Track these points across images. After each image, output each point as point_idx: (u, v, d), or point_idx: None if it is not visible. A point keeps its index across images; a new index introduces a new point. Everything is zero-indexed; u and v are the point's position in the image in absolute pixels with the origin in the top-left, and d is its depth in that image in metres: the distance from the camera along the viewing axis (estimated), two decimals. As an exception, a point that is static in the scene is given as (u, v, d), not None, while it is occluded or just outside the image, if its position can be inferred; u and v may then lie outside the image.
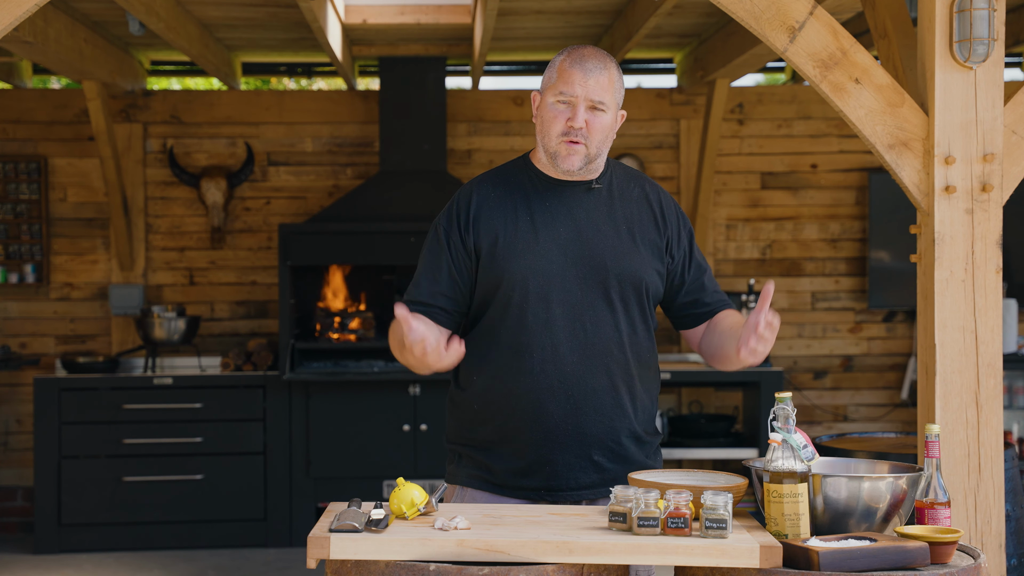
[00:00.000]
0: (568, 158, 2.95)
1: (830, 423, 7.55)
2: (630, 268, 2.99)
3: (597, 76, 2.93)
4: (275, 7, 6.01)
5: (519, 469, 3.00)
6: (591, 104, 2.93)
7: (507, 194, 3.03)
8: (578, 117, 2.92)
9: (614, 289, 2.98)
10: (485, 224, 3.00)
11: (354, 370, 6.76)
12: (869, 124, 3.40)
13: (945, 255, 3.38)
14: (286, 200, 7.43)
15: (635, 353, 3.03)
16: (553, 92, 2.95)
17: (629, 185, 3.09)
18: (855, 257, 7.53)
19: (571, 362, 2.95)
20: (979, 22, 3.30)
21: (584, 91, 2.92)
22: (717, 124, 7.04)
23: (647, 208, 3.07)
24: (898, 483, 2.62)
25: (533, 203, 3.01)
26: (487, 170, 3.17)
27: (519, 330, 2.96)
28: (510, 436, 3.00)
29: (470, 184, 3.09)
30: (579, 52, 2.97)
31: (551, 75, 2.98)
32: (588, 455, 2.99)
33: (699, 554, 2.47)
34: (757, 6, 3.38)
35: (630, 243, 3.01)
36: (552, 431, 2.97)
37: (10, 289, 7.31)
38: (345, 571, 2.51)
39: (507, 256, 2.97)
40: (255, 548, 6.73)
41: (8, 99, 7.37)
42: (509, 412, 2.98)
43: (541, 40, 6.96)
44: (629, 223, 3.03)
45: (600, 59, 2.96)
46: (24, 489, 7.26)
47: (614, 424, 3.00)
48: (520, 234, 2.98)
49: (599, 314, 2.98)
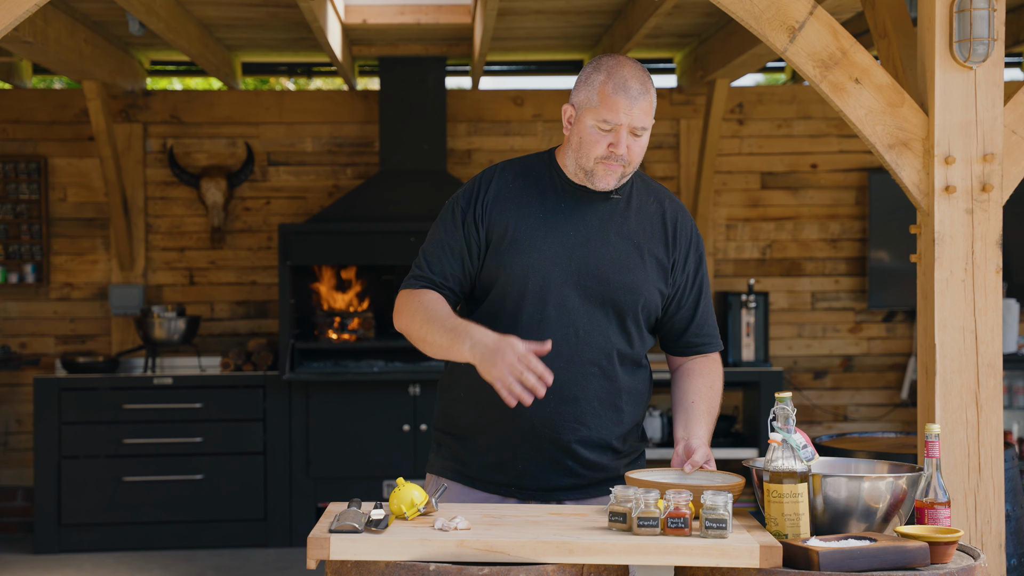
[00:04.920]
0: (605, 178, 2.91)
1: (830, 423, 7.55)
2: (631, 283, 2.97)
3: (641, 103, 2.86)
4: (275, 7, 6.01)
5: (490, 464, 3.00)
6: (633, 130, 2.88)
7: (526, 187, 3.01)
8: (621, 144, 2.87)
9: (611, 301, 2.96)
10: (499, 213, 2.98)
11: (354, 370, 6.76)
12: (869, 124, 3.40)
13: (945, 255, 3.38)
14: (286, 200, 7.43)
15: (624, 367, 3.01)
16: (594, 116, 2.87)
17: (648, 200, 3.05)
18: (855, 257, 7.53)
19: (557, 366, 2.91)
20: (979, 22, 3.30)
21: (628, 119, 2.85)
22: (717, 124, 7.04)
23: (660, 226, 3.03)
24: (898, 483, 2.62)
25: (548, 202, 2.99)
26: (513, 157, 3.13)
27: (511, 326, 2.94)
28: (486, 429, 2.99)
29: (493, 169, 3.06)
30: (620, 75, 2.87)
31: (590, 96, 2.88)
32: (561, 460, 2.97)
33: (699, 554, 2.47)
34: (757, 6, 3.38)
35: (636, 258, 2.98)
36: (526, 431, 2.95)
37: (10, 289, 7.31)
38: (345, 571, 2.51)
39: (512, 250, 2.95)
40: (255, 548, 6.73)
41: (8, 99, 7.37)
42: (488, 404, 2.93)
43: (541, 40, 6.96)
44: (639, 238, 3.00)
45: (641, 80, 2.88)
46: (24, 489, 7.26)
47: (591, 434, 2.98)
48: (529, 230, 2.96)
49: (593, 323, 2.96)
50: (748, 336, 7.00)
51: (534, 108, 7.48)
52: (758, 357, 7.03)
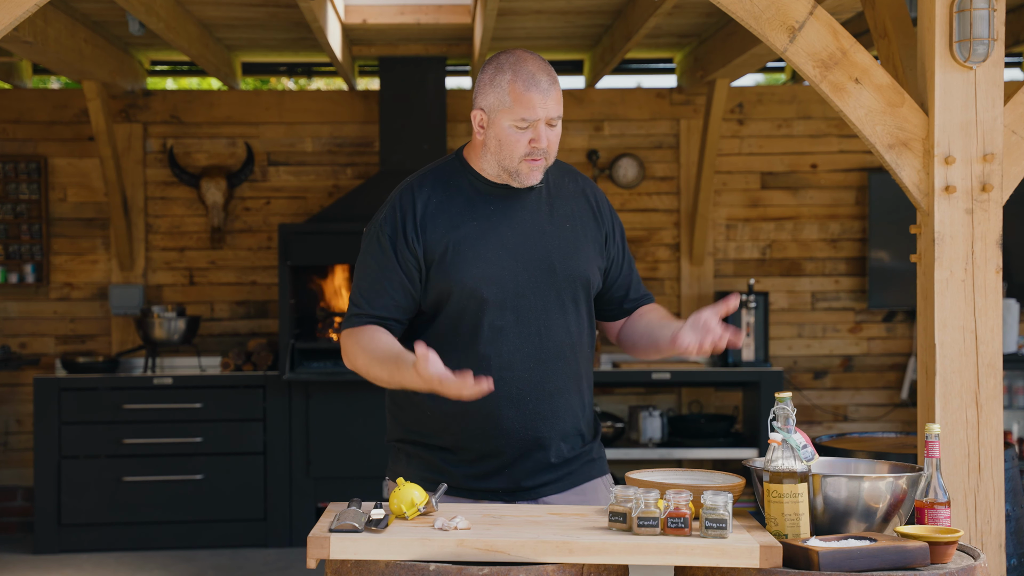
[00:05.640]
0: (531, 175, 2.92)
1: (830, 423, 7.55)
2: (576, 267, 2.98)
3: (553, 94, 2.87)
4: (275, 7, 6.01)
5: (478, 474, 2.97)
6: (549, 122, 2.89)
7: (449, 198, 2.96)
8: (542, 138, 2.87)
9: (565, 290, 2.97)
10: (432, 231, 2.93)
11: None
12: (869, 124, 3.40)
13: (945, 255, 3.38)
14: (286, 200, 7.43)
15: (582, 352, 3.03)
16: (510, 116, 2.87)
17: (563, 181, 3.07)
18: (855, 257, 7.53)
19: (527, 368, 2.92)
20: (979, 22, 3.30)
21: (545, 112, 2.86)
22: (717, 124, 7.04)
23: (584, 203, 3.06)
24: (898, 483, 2.62)
25: (476, 208, 2.96)
26: (419, 171, 3.05)
27: (473, 339, 2.92)
28: (468, 443, 2.96)
29: (408, 187, 2.99)
30: (527, 70, 2.87)
31: (501, 98, 2.87)
32: (546, 458, 2.97)
33: (699, 554, 2.47)
34: (757, 6, 3.38)
35: (573, 241, 2.99)
36: (510, 437, 2.94)
37: (10, 289, 7.31)
38: (345, 571, 2.51)
39: (456, 265, 2.91)
40: (255, 548, 6.73)
41: (8, 99, 7.37)
42: (466, 419, 2.92)
43: (541, 40, 6.96)
44: (571, 220, 3.01)
45: (547, 71, 2.89)
46: (24, 489, 7.26)
47: (566, 426, 2.99)
48: (468, 241, 2.92)
49: (551, 317, 2.95)
50: (748, 336, 7.00)
51: (534, 108, 7.46)
52: (758, 357, 7.03)
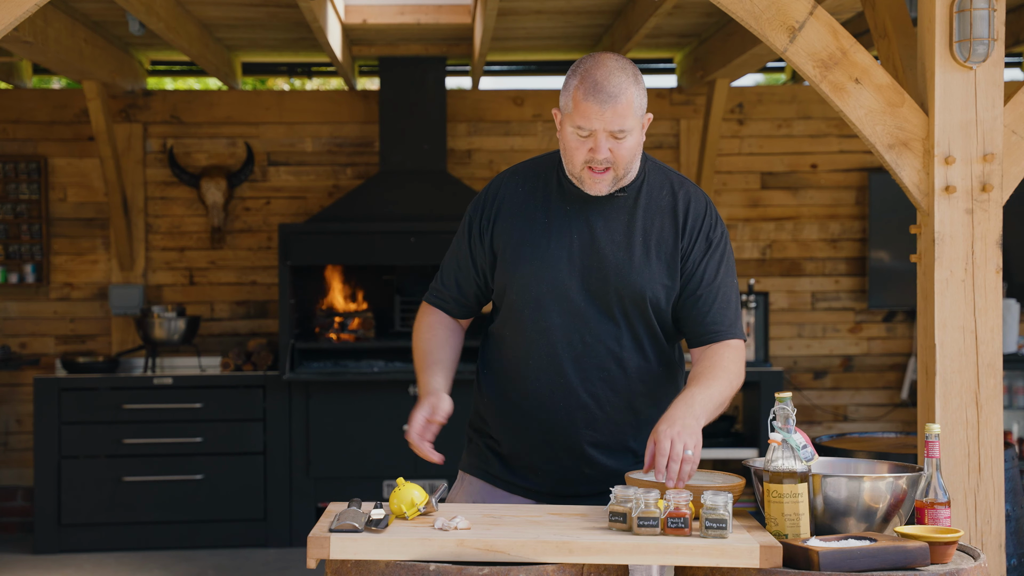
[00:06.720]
0: (595, 185, 2.85)
1: (830, 423, 7.55)
2: (632, 282, 2.89)
3: (613, 106, 2.75)
4: (275, 7, 6.01)
5: (515, 469, 3.02)
6: (611, 134, 2.78)
7: (531, 193, 2.97)
8: (600, 149, 2.78)
9: (615, 303, 2.91)
10: (503, 223, 2.96)
11: (354, 370, 6.76)
12: (869, 124, 3.40)
13: (945, 255, 3.38)
14: (286, 200, 7.43)
15: (638, 368, 2.95)
16: (571, 122, 2.80)
17: (661, 192, 2.94)
18: (855, 257, 7.53)
19: (567, 372, 2.92)
20: (979, 22, 3.30)
21: (602, 124, 2.75)
22: (717, 124, 7.04)
23: (671, 218, 2.92)
24: (898, 483, 2.62)
25: (553, 207, 2.94)
26: (524, 160, 3.07)
27: (519, 335, 2.96)
28: (511, 436, 3.02)
29: (501, 176, 3.04)
30: (593, 79, 2.76)
31: (567, 102, 2.81)
32: (577, 466, 2.97)
33: (699, 554, 2.47)
34: (757, 6, 3.38)
35: (642, 256, 2.90)
36: (540, 438, 2.96)
37: (10, 289, 7.30)
38: (345, 571, 2.51)
39: (516, 260, 2.93)
40: (255, 548, 6.73)
41: (8, 99, 7.37)
42: (511, 412, 2.99)
43: (541, 40, 6.96)
44: (647, 234, 2.91)
45: (616, 82, 2.76)
46: (24, 489, 7.26)
47: (604, 438, 2.96)
48: (534, 239, 2.93)
49: (600, 327, 2.92)
50: (748, 336, 7.00)
51: (534, 108, 7.48)
52: (758, 357, 7.03)
